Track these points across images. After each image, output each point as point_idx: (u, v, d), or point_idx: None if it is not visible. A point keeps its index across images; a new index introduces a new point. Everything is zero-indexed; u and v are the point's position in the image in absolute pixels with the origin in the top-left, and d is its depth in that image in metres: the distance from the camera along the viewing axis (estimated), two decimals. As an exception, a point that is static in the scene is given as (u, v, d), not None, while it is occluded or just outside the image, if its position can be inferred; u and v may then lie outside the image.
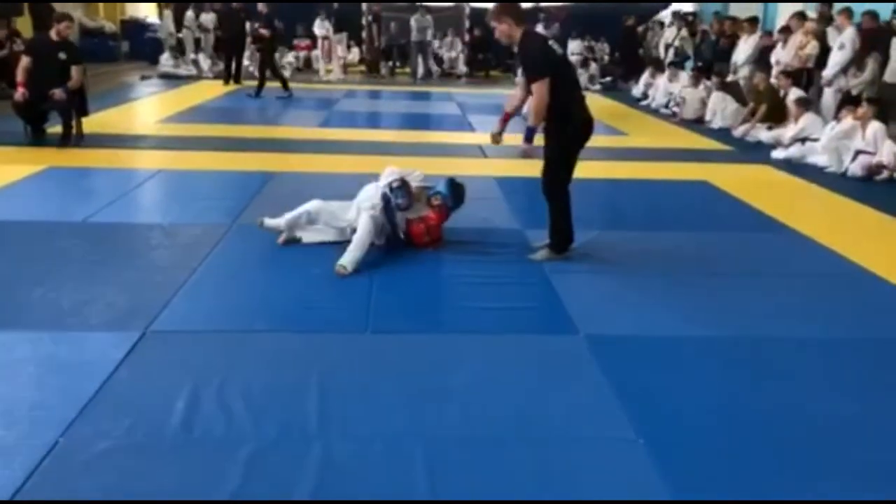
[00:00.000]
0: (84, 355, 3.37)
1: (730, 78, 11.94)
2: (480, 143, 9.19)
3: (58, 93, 7.79)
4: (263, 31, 13.40)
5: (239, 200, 6.06)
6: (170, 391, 3.07)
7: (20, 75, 7.82)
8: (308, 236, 5.01)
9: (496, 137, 5.04)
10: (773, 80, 10.66)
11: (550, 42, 4.75)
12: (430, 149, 8.78)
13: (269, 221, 5.00)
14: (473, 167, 7.89)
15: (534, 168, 5.02)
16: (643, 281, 4.64)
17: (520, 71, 17.79)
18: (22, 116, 7.97)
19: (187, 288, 4.23)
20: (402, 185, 4.89)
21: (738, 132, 10.42)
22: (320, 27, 17.04)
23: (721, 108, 11.22)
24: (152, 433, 2.79)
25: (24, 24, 13.59)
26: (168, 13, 17.90)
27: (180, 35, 17.37)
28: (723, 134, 10.62)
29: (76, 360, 3.32)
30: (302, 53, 18.66)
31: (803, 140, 8.83)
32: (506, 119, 5.05)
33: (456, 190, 5.14)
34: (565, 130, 4.64)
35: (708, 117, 11.53)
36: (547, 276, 4.62)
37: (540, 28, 11.37)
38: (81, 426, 2.81)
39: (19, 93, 7.79)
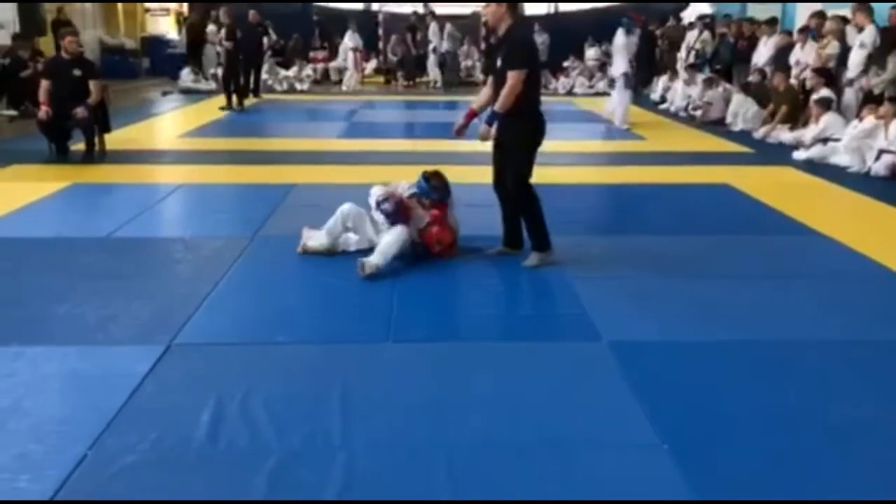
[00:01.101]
0: (110, 369, 3.40)
1: (751, 79, 11.87)
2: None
3: (80, 111, 7.91)
4: (227, 44, 13.20)
5: (260, 213, 6.10)
6: (194, 404, 3.09)
7: (42, 96, 7.97)
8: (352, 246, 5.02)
9: (460, 130, 5.04)
10: (793, 81, 10.58)
11: (536, 42, 4.86)
12: (448, 157, 8.77)
13: (311, 243, 5.01)
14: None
15: (561, 175, 5.02)
16: (666, 286, 4.61)
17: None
18: (46, 134, 8.10)
19: (210, 301, 4.26)
20: (387, 198, 4.89)
21: (758, 134, 10.35)
22: (352, 38, 17.20)
23: (742, 111, 11.15)
24: (178, 446, 2.81)
25: (48, 45, 13.81)
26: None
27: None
28: (743, 136, 10.55)
29: (102, 375, 3.36)
30: (319, 66, 18.79)
31: (825, 140, 8.75)
32: (471, 115, 5.03)
33: (430, 180, 5.09)
34: (532, 125, 4.75)
35: (729, 120, 11.46)
36: (568, 282, 4.61)
37: (621, 34, 11.18)
38: (109, 439, 2.84)
39: (43, 111, 7.94)
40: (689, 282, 4.69)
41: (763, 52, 12.03)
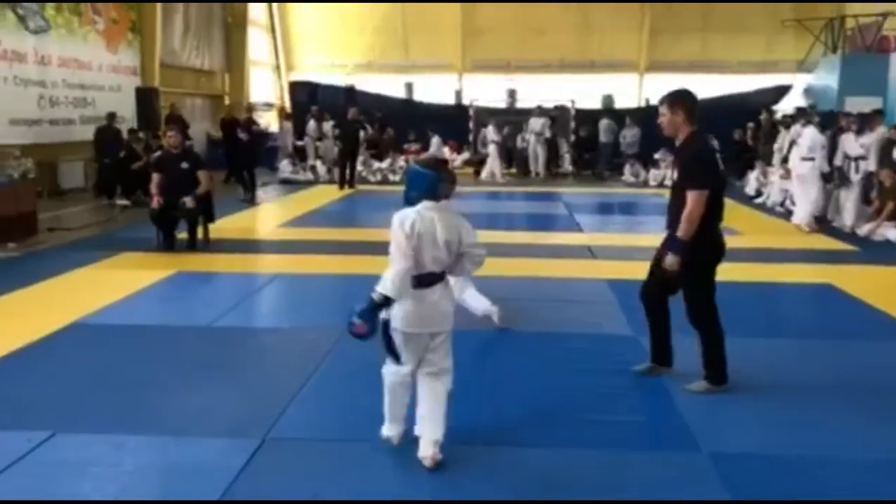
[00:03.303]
0: (207, 462, 3.47)
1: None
2: (588, 244, 9.15)
3: (188, 200, 8.34)
4: (242, 135, 13.50)
5: (352, 303, 6.16)
6: (287, 501, 3.10)
7: (154, 188, 8.46)
8: None
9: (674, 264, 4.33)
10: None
11: (717, 154, 4.41)
12: (538, 250, 8.81)
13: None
14: (582, 269, 7.84)
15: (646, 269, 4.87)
16: (768, 392, 4.42)
17: (628, 169, 17.43)
18: (155, 223, 8.55)
19: (304, 394, 4.33)
20: None
21: (863, 231, 9.97)
22: (493, 133, 17.75)
23: (845, 206, 10.79)
24: (270, 545, 2.82)
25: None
26: (288, 124, 19.00)
27: (300, 143, 18.34)
28: (846, 233, 10.17)
29: (199, 467, 3.43)
30: (412, 157, 19.34)
31: (935, 239, 8.37)
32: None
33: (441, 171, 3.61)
34: (704, 247, 4.26)
35: (830, 216, 11.10)
36: (664, 387, 4.47)
37: (812, 129, 10.72)
38: (203, 535, 2.87)
39: (155, 201, 8.40)
40: (791, 389, 4.48)
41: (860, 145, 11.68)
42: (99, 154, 13.22)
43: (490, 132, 17.98)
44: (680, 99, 4.33)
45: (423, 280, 3.43)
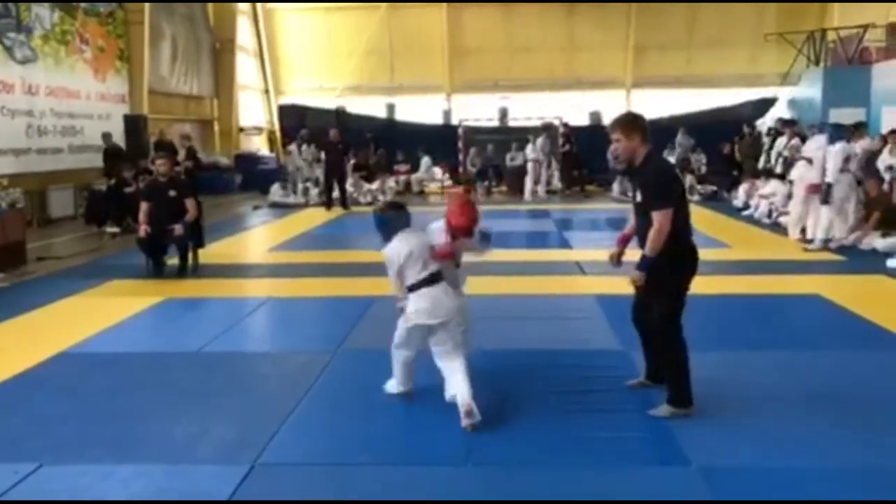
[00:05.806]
0: (195, 490, 3.45)
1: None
2: (578, 260, 9.17)
3: (177, 228, 8.35)
4: (187, 163, 13.26)
5: (342, 327, 6.21)
6: (276, 528, 3.09)
7: (142, 217, 8.47)
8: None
9: (615, 259, 4.69)
10: (885, 187, 10.31)
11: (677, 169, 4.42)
12: (527, 267, 8.82)
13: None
14: (571, 285, 7.86)
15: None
16: (756, 405, 4.42)
17: (616, 186, 17.45)
18: (144, 251, 8.55)
19: (294, 419, 4.32)
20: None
21: (849, 240, 10.02)
22: (532, 151, 17.77)
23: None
24: (259, 573, 2.81)
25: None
26: (293, 147, 19.02)
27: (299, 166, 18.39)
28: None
29: (188, 495, 3.41)
30: (402, 178, 19.40)
31: (922, 247, 8.42)
32: (624, 240, 4.71)
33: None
34: (682, 262, 4.28)
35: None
36: (651, 400, 4.46)
37: (819, 139, 10.19)
38: (191, 565, 2.85)
39: (142, 230, 8.41)
40: (779, 402, 4.49)
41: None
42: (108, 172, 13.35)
43: (529, 151, 17.97)
44: (633, 123, 4.32)
45: (426, 280, 4.40)
